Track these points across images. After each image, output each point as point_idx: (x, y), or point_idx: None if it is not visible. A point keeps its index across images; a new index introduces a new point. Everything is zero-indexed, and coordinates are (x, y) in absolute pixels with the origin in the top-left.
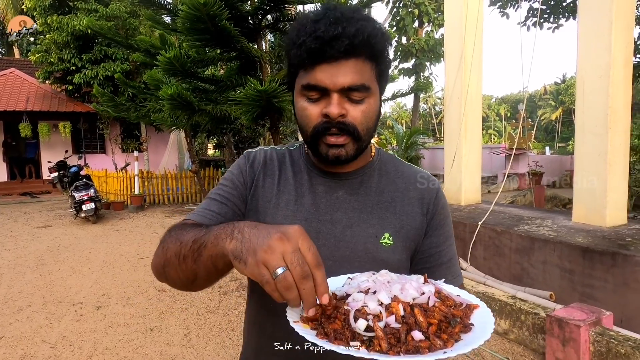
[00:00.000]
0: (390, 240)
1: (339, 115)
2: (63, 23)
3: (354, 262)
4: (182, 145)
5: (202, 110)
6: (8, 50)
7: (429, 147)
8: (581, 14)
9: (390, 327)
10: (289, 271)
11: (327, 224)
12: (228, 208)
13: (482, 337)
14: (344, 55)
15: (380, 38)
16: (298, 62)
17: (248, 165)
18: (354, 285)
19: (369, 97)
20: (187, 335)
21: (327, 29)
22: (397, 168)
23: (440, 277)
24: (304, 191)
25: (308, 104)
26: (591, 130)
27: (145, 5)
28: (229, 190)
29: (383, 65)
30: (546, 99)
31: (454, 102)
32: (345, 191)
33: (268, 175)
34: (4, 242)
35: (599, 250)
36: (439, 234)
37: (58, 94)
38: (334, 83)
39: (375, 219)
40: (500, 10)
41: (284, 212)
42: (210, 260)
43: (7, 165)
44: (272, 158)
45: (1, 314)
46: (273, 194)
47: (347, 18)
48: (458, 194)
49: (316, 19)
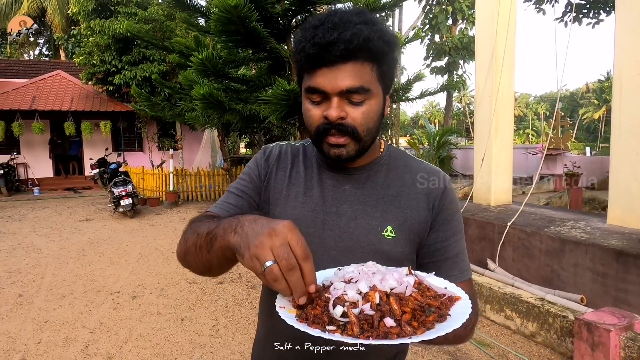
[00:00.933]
0: (393, 233)
1: (338, 118)
2: (105, 26)
3: (357, 252)
4: (215, 143)
5: (233, 109)
6: (55, 52)
7: (462, 147)
8: (618, 8)
9: (364, 314)
10: (276, 264)
11: (333, 216)
12: (244, 200)
13: (450, 325)
14: (341, 59)
15: (378, 40)
16: (301, 67)
17: (264, 159)
18: (340, 275)
19: (369, 99)
20: (215, 325)
21: (324, 35)
22: (407, 163)
23: (446, 272)
24: (313, 184)
25: (311, 106)
26: (628, 130)
27: (180, 8)
28: (246, 184)
29: (385, 65)
30: (588, 97)
31: (485, 101)
32: (352, 185)
33: (281, 168)
34: (49, 234)
35: (634, 253)
36: (446, 229)
37: (99, 94)
38: (333, 87)
39: (379, 212)
40: (537, 6)
41: (293, 203)
42: (221, 251)
43: (53, 161)
44: (287, 152)
45: (46, 300)
46: (284, 186)
47: (344, 23)
48: (488, 194)
49: (317, 24)
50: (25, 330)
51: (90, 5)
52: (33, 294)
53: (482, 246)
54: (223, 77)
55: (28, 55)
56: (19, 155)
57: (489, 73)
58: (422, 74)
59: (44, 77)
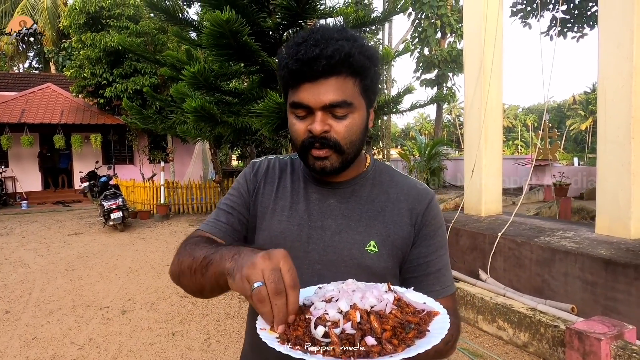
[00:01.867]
0: (376, 247)
1: (321, 132)
2: (96, 40)
3: (340, 266)
4: (206, 156)
5: (224, 122)
6: (45, 65)
7: (452, 158)
8: (601, 22)
9: (345, 333)
10: (264, 286)
11: (317, 230)
12: (234, 217)
13: (429, 342)
14: (324, 74)
15: (359, 55)
16: (285, 83)
17: (252, 174)
18: (320, 294)
19: (352, 113)
20: (207, 340)
21: (307, 52)
22: (392, 178)
23: (429, 287)
24: (299, 198)
25: (296, 121)
26: (613, 140)
27: (172, 22)
28: (235, 200)
29: (367, 80)
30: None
31: (474, 113)
32: (337, 199)
33: (268, 182)
34: (37, 248)
35: (622, 262)
36: (428, 245)
37: (90, 107)
38: (316, 101)
39: (363, 226)
40: (523, 20)
41: (279, 218)
42: (214, 277)
43: (42, 175)
44: (275, 166)
45: (34, 316)
46: (271, 200)
47: (326, 39)
48: (478, 205)
49: (299, 42)
50: (12, 348)
51: (82, 19)
52: (20, 310)
53: (474, 257)
54: (215, 90)
55: (18, 68)
56: (7, 169)
57: (478, 85)
58: (412, 86)
59: (34, 90)
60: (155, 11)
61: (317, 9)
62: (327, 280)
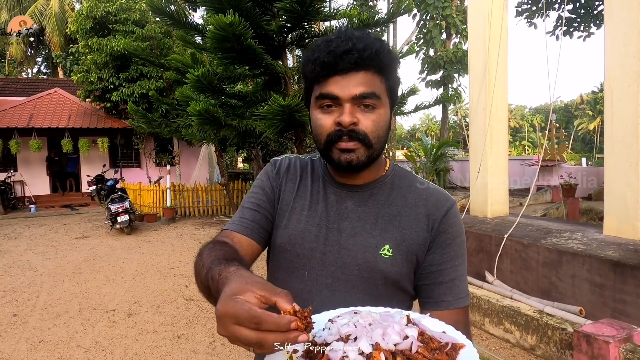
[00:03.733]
0: (390, 252)
1: (350, 123)
2: (102, 44)
3: (354, 269)
4: (212, 159)
5: (229, 125)
6: (53, 70)
7: (458, 159)
8: (607, 21)
9: None
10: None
11: (334, 232)
12: (260, 215)
13: None
14: (355, 67)
15: (388, 54)
16: (313, 77)
17: (274, 172)
18: (334, 330)
19: (379, 107)
20: (212, 343)
21: (339, 45)
22: (411, 183)
23: (440, 297)
24: (318, 198)
25: (322, 115)
26: (621, 140)
27: (177, 27)
28: (259, 197)
29: (392, 80)
30: (583, 109)
31: (479, 114)
32: (354, 202)
33: (290, 180)
34: (45, 251)
35: (631, 264)
36: (443, 253)
37: (97, 111)
38: (346, 93)
39: (378, 230)
40: (528, 20)
41: (298, 217)
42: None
43: (50, 179)
44: (296, 165)
45: (41, 319)
46: (291, 198)
47: (357, 36)
48: (484, 206)
49: (330, 39)
50: (19, 351)
51: (88, 24)
52: (28, 313)
53: (480, 259)
54: (219, 93)
55: (26, 73)
56: (15, 173)
57: (483, 86)
58: (416, 87)
59: (41, 95)
60: (160, 16)
61: (320, 11)
62: (340, 282)
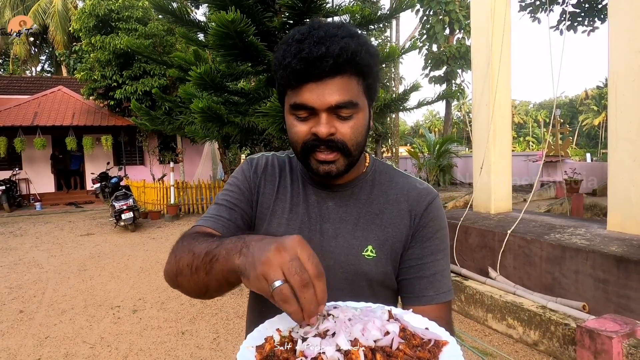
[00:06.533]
0: (374, 252)
1: (328, 134)
2: (105, 42)
3: (337, 272)
4: (215, 156)
5: (232, 122)
6: (57, 69)
7: (462, 155)
8: (611, 15)
9: None
10: (285, 284)
11: (316, 234)
12: (237, 214)
13: None
14: (330, 74)
15: (365, 53)
16: (285, 83)
17: (252, 171)
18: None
19: (357, 113)
20: (216, 339)
21: (311, 50)
22: (392, 179)
23: (421, 292)
24: (299, 200)
25: (297, 122)
26: (625, 136)
27: (179, 24)
28: (236, 196)
29: (370, 79)
30: (588, 104)
31: (483, 110)
32: (335, 203)
33: (268, 181)
34: (50, 249)
35: (635, 259)
36: (424, 247)
37: (101, 109)
38: (321, 102)
39: (360, 230)
40: (532, 15)
41: (279, 220)
42: (222, 274)
43: (54, 176)
44: (274, 164)
45: (47, 316)
46: (271, 201)
47: (330, 36)
48: (488, 202)
49: (301, 39)
50: (25, 347)
51: (91, 22)
52: (34, 309)
53: (483, 254)
54: (222, 91)
55: (30, 72)
56: (20, 171)
57: (486, 81)
58: (419, 83)
59: (45, 93)
60: (163, 13)
61: (322, 7)
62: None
